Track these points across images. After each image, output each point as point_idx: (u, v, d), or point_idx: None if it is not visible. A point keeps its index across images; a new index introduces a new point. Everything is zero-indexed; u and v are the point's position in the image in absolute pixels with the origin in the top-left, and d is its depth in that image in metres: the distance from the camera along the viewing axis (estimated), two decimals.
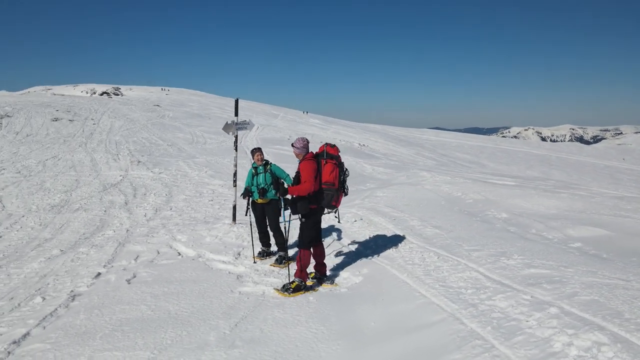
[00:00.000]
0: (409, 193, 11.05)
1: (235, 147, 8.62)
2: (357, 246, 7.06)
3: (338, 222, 7.83)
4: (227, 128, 8.36)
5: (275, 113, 49.16)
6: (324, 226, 8.08)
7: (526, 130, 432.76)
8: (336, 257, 6.59)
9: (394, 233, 7.52)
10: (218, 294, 5.21)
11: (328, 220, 8.26)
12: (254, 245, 6.89)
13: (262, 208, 6.67)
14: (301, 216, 5.34)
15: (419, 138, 47.79)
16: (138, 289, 5.36)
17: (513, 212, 8.64)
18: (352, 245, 7.18)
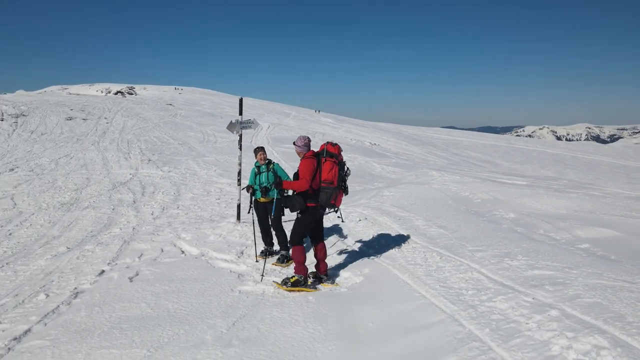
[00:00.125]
0: (416, 192, 10.95)
1: (239, 146, 8.63)
2: (360, 246, 7.02)
3: (342, 222, 7.80)
4: (232, 127, 8.38)
5: (287, 112, 49.20)
6: (328, 225, 8.06)
7: (541, 129, 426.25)
8: (338, 257, 6.57)
9: (398, 233, 7.45)
10: (218, 293, 5.22)
11: (332, 219, 8.23)
12: (257, 244, 6.90)
13: (265, 207, 6.69)
14: (298, 212, 5.36)
15: (432, 137, 47.37)
16: (139, 287, 5.41)
17: (521, 212, 8.50)
18: (355, 244, 7.14)
